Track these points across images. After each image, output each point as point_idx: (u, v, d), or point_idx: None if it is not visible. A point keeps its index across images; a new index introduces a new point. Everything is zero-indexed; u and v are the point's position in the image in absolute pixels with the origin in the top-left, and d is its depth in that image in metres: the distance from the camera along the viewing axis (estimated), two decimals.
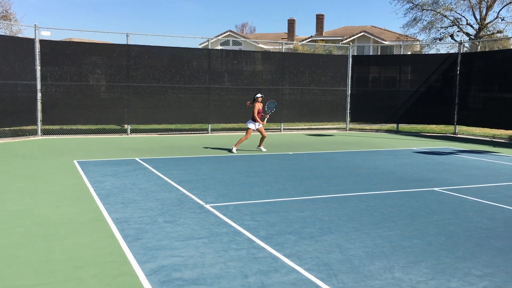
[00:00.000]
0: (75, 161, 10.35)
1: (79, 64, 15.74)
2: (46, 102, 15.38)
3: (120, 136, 16.23)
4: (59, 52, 15.44)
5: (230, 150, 12.44)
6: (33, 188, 7.68)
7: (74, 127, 16.40)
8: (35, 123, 15.25)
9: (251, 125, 12.29)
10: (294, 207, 6.59)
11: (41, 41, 15.15)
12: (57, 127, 15.98)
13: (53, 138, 15.16)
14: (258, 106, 12.24)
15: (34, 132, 15.30)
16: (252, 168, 9.80)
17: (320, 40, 40.28)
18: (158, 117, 16.97)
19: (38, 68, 15.06)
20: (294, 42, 36.11)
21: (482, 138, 17.56)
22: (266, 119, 12.50)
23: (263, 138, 12.62)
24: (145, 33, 23.24)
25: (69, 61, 15.63)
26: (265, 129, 19.26)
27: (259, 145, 12.75)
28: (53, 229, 5.48)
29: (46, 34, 15.66)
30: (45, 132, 15.55)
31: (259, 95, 12.24)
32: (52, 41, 15.57)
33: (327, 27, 65.87)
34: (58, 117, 15.62)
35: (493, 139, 17.24)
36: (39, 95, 15.16)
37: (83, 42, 16.43)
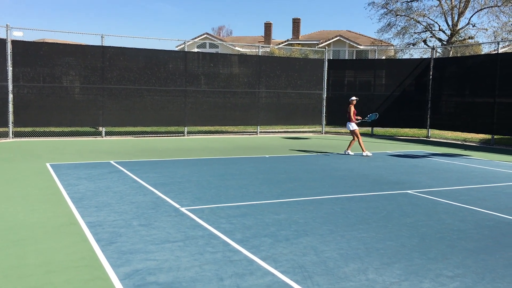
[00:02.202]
0: (47, 164, 10.17)
1: (52, 65, 15.48)
2: (18, 104, 15.06)
3: (94, 138, 16.00)
4: (31, 53, 15.15)
5: (346, 153, 13.14)
6: (4, 191, 7.51)
7: (47, 129, 16.09)
8: (6, 125, 14.91)
9: (355, 126, 12.93)
10: (270, 210, 6.61)
11: (13, 41, 14.85)
12: (29, 129, 15.66)
13: (25, 140, 14.85)
14: (353, 108, 12.96)
15: (5, 135, 14.96)
16: (228, 171, 9.80)
17: (296, 44, 40.55)
18: (133, 120, 16.80)
19: (10, 69, 14.74)
20: (271, 45, 36.26)
21: (454, 142, 17.94)
22: (359, 121, 13.25)
23: (353, 141, 13.16)
24: (121, 34, 22.97)
25: (42, 62, 15.35)
26: (240, 132, 19.32)
27: (347, 149, 13.19)
28: (25, 233, 5.37)
29: (18, 35, 15.36)
30: (16, 135, 15.22)
31: (353, 98, 13.08)
32: (25, 41, 15.28)
33: (303, 31, 66.41)
34: (30, 119, 15.31)
35: (465, 143, 17.63)
36: (10, 96, 14.84)
37: (57, 43, 16.16)
